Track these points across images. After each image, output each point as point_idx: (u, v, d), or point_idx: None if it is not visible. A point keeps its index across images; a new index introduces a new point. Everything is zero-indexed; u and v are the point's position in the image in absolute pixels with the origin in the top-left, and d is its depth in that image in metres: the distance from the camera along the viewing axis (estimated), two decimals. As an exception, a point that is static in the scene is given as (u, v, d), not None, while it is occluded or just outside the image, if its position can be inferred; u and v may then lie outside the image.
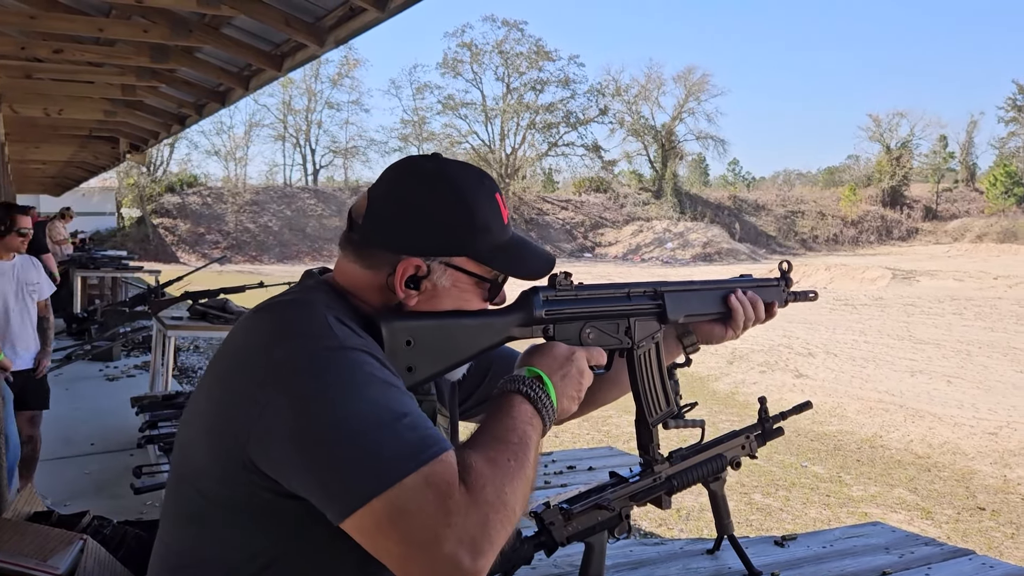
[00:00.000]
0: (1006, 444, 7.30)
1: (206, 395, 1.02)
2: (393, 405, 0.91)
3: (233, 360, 1.01)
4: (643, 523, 4.90)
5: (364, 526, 0.86)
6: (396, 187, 1.10)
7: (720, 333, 1.44)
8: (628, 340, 1.29)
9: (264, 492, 0.94)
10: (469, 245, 1.09)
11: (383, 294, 1.08)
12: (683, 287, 1.37)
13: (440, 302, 1.10)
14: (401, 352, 1.04)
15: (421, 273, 1.07)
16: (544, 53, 49.29)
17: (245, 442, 0.93)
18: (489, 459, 0.93)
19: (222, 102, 6.17)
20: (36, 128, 8.12)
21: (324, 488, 0.89)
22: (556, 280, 1.20)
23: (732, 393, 9.59)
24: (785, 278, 1.55)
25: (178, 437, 1.09)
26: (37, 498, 2.31)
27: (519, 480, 0.93)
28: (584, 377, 1.14)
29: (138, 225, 38.97)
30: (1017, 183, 50.18)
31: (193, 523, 1.02)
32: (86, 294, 10.28)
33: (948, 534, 5.12)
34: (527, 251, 1.16)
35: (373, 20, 3.72)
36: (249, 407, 0.93)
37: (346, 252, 1.11)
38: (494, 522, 0.88)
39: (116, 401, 5.75)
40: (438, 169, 1.11)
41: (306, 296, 1.06)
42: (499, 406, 1.04)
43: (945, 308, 18.13)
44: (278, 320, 1.01)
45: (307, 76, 47.47)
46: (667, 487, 1.59)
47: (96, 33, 4.47)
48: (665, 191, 49.20)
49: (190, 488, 1.02)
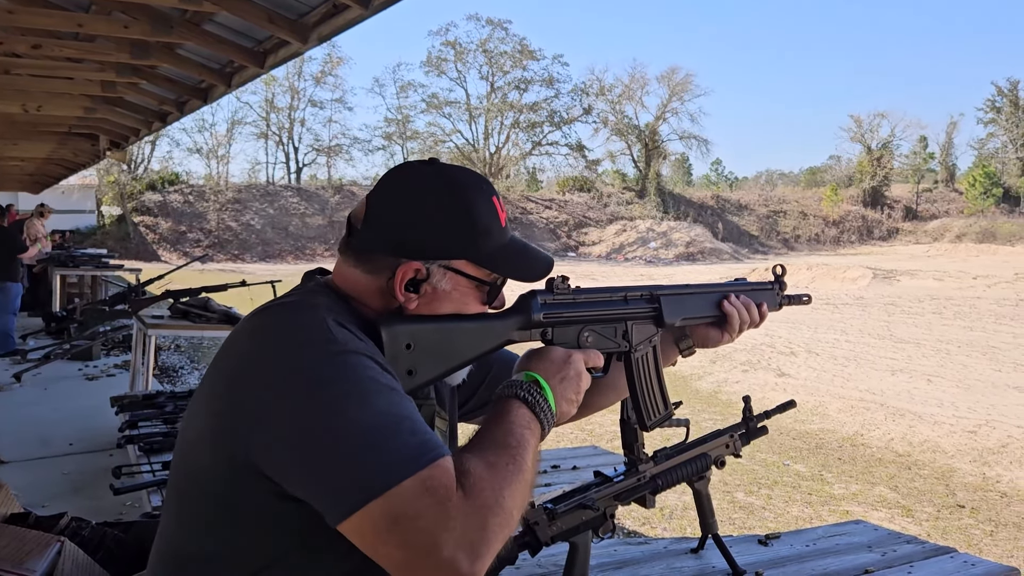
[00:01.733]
0: (985, 442, 7.37)
1: (209, 395, 1.03)
2: (393, 409, 0.92)
3: (236, 361, 1.02)
4: (626, 521, 4.91)
5: (362, 529, 0.87)
6: (395, 192, 1.11)
7: (716, 337, 1.46)
8: (625, 344, 1.30)
9: (266, 494, 0.95)
10: (468, 248, 1.10)
11: (383, 298, 1.09)
12: (679, 291, 1.38)
13: (440, 305, 1.11)
14: (402, 356, 1.05)
15: (421, 276, 1.08)
16: (528, 52, 49.30)
17: (247, 444, 0.94)
18: (487, 463, 0.94)
19: (204, 99, 6.12)
20: (14, 124, 8.01)
21: (323, 490, 0.89)
22: (554, 284, 1.21)
23: (715, 392, 9.63)
24: (779, 282, 1.56)
25: (180, 435, 1.10)
26: (13, 499, 2.27)
27: (517, 484, 0.94)
28: (582, 380, 1.16)
29: (118, 223, 38.57)
30: (996, 184, 50.78)
31: (194, 522, 1.02)
32: (65, 293, 10.15)
33: (928, 531, 5.16)
34: (526, 254, 1.18)
35: (357, 17, 3.70)
36: (252, 409, 0.94)
37: (346, 257, 1.12)
38: (492, 526, 0.88)
39: (95, 401, 5.68)
40: (436, 173, 1.12)
41: (308, 299, 1.07)
42: (497, 411, 1.05)
43: (925, 307, 18.31)
44: (281, 323, 1.02)
45: (290, 74, 47.21)
46: (652, 486, 1.59)
47: (75, 29, 4.42)
48: (648, 191, 49.34)
49: (192, 487, 1.02)
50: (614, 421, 1.67)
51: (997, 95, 55.42)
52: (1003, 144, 55.67)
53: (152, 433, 3.60)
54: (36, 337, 8.63)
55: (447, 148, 49.06)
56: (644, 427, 1.37)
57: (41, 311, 9.60)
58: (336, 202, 42.72)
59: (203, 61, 5.33)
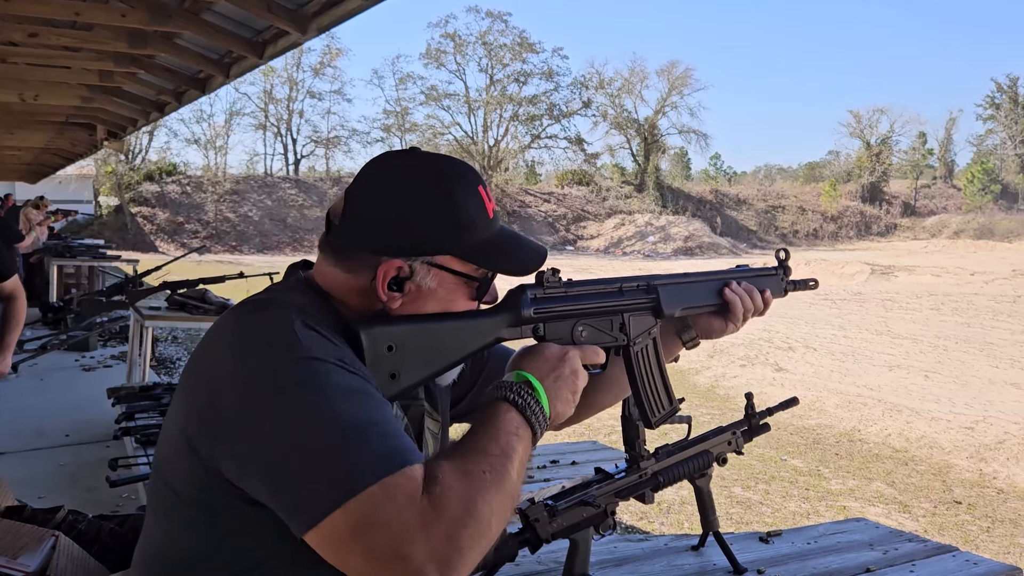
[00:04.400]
0: (982, 438, 7.38)
1: (183, 394, 1.00)
2: (359, 414, 0.88)
3: (205, 363, 0.99)
4: (625, 516, 4.91)
5: (327, 540, 0.83)
6: (374, 185, 1.05)
7: (720, 326, 1.39)
8: (623, 337, 1.24)
9: (233, 499, 0.91)
10: (453, 243, 1.04)
11: (364, 297, 1.04)
12: (676, 279, 1.32)
13: (425, 304, 1.05)
14: (383, 359, 1.00)
15: (404, 274, 1.03)
16: (528, 45, 49.16)
17: (211, 449, 0.91)
18: (461, 471, 0.88)
19: (202, 89, 6.08)
20: (11, 114, 7.96)
21: (286, 500, 0.86)
22: (544, 277, 1.15)
23: (712, 387, 9.63)
24: (783, 267, 1.49)
25: (160, 434, 1.06)
26: (9, 493, 2.25)
27: (494, 493, 0.89)
28: (579, 378, 1.10)
29: (116, 214, 38.49)
30: (994, 180, 50.81)
31: (172, 521, 1.00)
32: (62, 283, 10.11)
33: (925, 527, 5.17)
34: (517, 246, 1.11)
35: (356, 7, 3.67)
36: (216, 415, 0.91)
37: (325, 255, 1.07)
38: (463, 537, 0.83)
39: (92, 392, 5.66)
40: (417, 163, 1.07)
41: (280, 298, 1.03)
42: (484, 415, 0.99)
43: (923, 303, 18.33)
44: (247, 327, 0.98)
45: (289, 65, 47.03)
46: (653, 483, 1.58)
47: (72, 17, 4.38)
48: (647, 185, 49.28)
49: (168, 488, 0.99)
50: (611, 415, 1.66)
51: (996, 91, 55.45)
52: (1002, 140, 55.70)
53: (148, 425, 3.58)
54: (32, 327, 8.59)
55: (446, 141, 48.95)
56: (649, 424, 1.31)
57: (38, 301, 9.55)
58: (334, 194, 42.59)
59: (201, 51, 5.29)
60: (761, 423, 1.76)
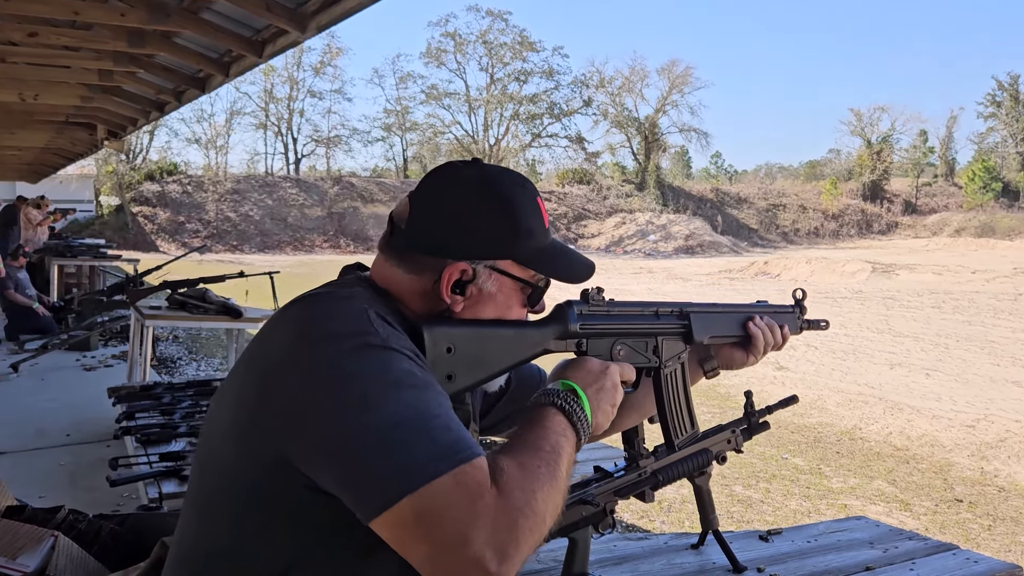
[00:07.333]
0: (983, 437, 7.38)
1: (239, 389, 1.00)
2: (430, 407, 0.91)
3: (269, 354, 0.99)
4: (624, 515, 4.91)
5: (394, 525, 0.85)
6: (440, 192, 1.10)
7: (741, 358, 1.46)
8: (656, 359, 1.30)
9: (297, 488, 0.93)
10: (514, 248, 1.09)
11: (425, 299, 1.08)
12: (707, 308, 1.39)
13: (485, 308, 1.10)
14: (442, 359, 1.04)
15: (467, 278, 1.07)
16: (528, 44, 49.18)
17: (281, 436, 0.92)
18: (520, 464, 0.92)
19: (202, 89, 6.07)
20: (11, 114, 7.96)
21: (355, 486, 0.88)
22: (589, 294, 1.20)
23: (713, 385, 9.63)
24: (799, 305, 1.57)
25: (204, 432, 1.07)
26: (8, 493, 2.25)
27: (549, 488, 0.92)
28: (618, 392, 1.14)
29: (117, 213, 38.49)
30: (995, 178, 50.73)
31: (217, 517, 1.00)
32: (63, 283, 10.11)
33: (926, 526, 5.16)
34: (568, 256, 1.17)
35: (356, 6, 3.66)
36: (285, 402, 0.92)
37: (388, 256, 1.11)
38: (523, 528, 0.87)
39: (93, 391, 5.67)
40: (481, 174, 1.11)
41: (348, 291, 1.05)
42: (531, 417, 1.03)
43: (924, 302, 18.31)
44: (320, 314, 1.00)
45: (289, 64, 47.00)
46: (652, 482, 1.57)
47: (72, 16, 4.38)
48: (648, 183, 49.26)
49: (217, 481, 1.00)
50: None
51: (997, 89, 55.34)
52: (1003, 139, 55.56)
53: (149, 424, 3.58)
54: (33, 327, 8.59)
55: (446, 139, 49.04)
56: (672, 447, 1.37)
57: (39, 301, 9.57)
58: (335, 193, 42.61)
59: (201, 50, 5.28)
60: (761, 421, 1.75)
